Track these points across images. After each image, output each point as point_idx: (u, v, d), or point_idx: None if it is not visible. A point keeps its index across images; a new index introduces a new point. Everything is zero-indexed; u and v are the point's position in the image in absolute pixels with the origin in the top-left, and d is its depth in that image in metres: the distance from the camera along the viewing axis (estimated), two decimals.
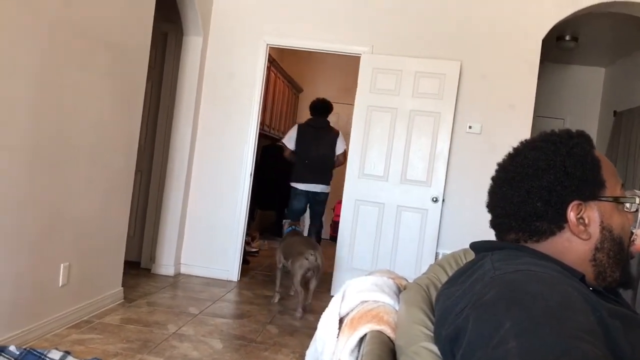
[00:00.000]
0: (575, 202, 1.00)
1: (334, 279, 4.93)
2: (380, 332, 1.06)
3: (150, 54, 4.05)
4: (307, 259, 4.19)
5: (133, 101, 3.87)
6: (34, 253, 3.00)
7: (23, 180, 2.83)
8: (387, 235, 4.78)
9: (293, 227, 4.87)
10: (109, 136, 3.60)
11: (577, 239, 1.01)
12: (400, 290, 1.24)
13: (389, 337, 1.05)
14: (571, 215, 1.00)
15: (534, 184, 1.02)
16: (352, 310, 1.17)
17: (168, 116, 5.06)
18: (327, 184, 5.71)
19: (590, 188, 1.02)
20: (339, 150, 5.60)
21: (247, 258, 5.82)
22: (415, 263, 4.70)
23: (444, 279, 1.21)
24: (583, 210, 1.01)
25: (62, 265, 3.27)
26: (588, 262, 1.02)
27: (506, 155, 1.12)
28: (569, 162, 1.01)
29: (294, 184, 5.67)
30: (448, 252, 4.49)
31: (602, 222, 1.01)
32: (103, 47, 3.40)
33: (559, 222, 1.01)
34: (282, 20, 5.02)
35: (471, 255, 1.26)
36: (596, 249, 1.02)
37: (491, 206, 1.12)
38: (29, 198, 2.89)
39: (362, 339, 1.07)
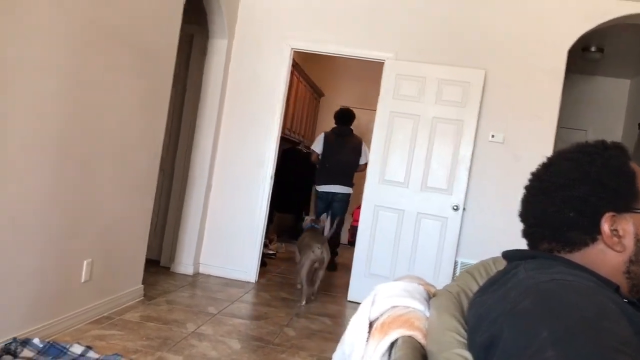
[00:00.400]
0: (609, 214, 1.00)
1: (351, 284, 4.93)
2: (411, 338, 1.06)
3: (176, 55, 4.10)
4: (313, 252, 4.55)
5: (159, 102, 3.92)
6: (58, 248, 3.04)
7: (51, 176, 2.87)
8: (406, 242, 4.78)
9: (312, 224, 5.14)
10: (134, 135, 3.65)
11: (610, 251, 1.00)
12: (429, 297, 1.25)
13: (420, 343, 1.06)
14: (605, 226, 0.99)
15: (568, 194, 1.02)
16: (382, 314, 1.17)
17: (192, 117, 5.11)
18: (348, 185, 6.22)
19: (624, 200, 1.01)
20: (363, 160, 6.14)
21: (265, 260, 5.85)
22: (434, 271, 4.69)
23: (474, 287, 1.21)
24: (617, 222, 1.00)
25: (85, 261, 3.31)
26: (622, 274, 1.01)
27: (540, 165, 1.12)
28: (604, 173, 1.01)
29: (317, 187, 6.28)
30: (467, 261, 4.49)
31: (636, 234, 1.00)
32: (132, 48, 3.45)
33: (592, 234, 1.01)
34: (307, 24, 5.05)
35: (501, 264, 1.26)
36: (630, 261, 1.01)
37: (524, 215, 1.11)
38: (57, 194, 2.94)
39: (392, 344, 1.08)
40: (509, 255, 1.11)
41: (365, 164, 5.80)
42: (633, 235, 1.01)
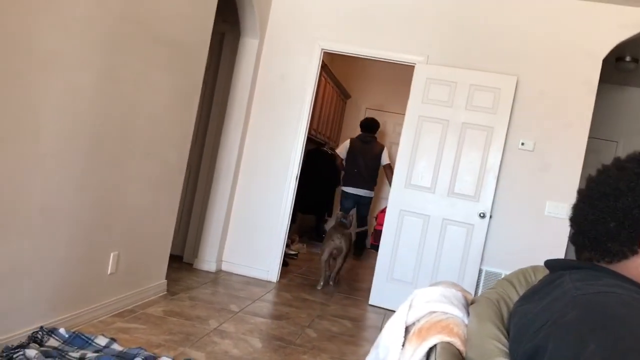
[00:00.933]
0: None
1: (372, 288, 4.90)
2: (450, 344, 1.04)
3: (207, 53, 4.12)
4: (333, 241, 5.23)
5: (189, 98, 3.94)
6: (86, 240, 3.07)
7: (82, 169, 2.90)
8: (430, 248, 4.74)
9: (342, 219, 5.54)
10: (164, 131, 3.67)
11: None
12: (467, 303, 1.22)
13: (459, 350, 1.04)
14: None
15: (610, 205, 0.99)
16: (419, 320, 1.15)
17: (220, 114, 5.13)
18: (371, 189, 7.03)
19: None
20: (384, 161, 6.96)
21: (286, 260, 5.85)
22: (458, 278, 4.63)
23: (514, 295, 1.19)
24: None
25: (112, 254, 3.34)
26: None
27: (596, 170, 1.10)
28: None
29: (344, 188, 7.00)
30: (492, 269, 4.43)
31: None
32: (164, 45, 3.47)
33: (632, 246, 0.98)
34: (337, 25, 5.04)
35: (541, 273, 1.24)
36: None
37: (571, 221, 1.09)
38: (87, 186, 2.97)
39: (430, 350, 1.06)
40: (552, 265, 1.08)
41: (389, 164, 6.91)
42: None
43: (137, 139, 3.36)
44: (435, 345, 1.06)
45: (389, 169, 6.83)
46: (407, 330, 1.17)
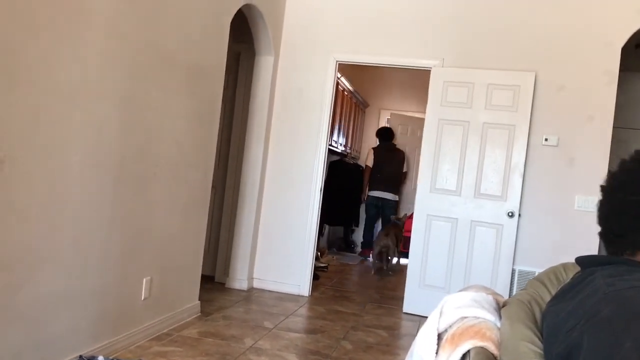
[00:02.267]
0: None
1: (405, 295, 4.87)
2: (484, 349, 1.03)
3: (225, 73, 4.17)
4: (380, 240, 6.57)
5: (209, 119, 3.99)
6: (119, 267, 3.12)
7: (110, 196, 2.95)
8: (460, 251, 4.69)
9: (395, 220, 7.01)
10: (187, 153, 3.72)
11: None
12: (499, 306, 1.21)
13: (493, 354, 1.03)
14: None
15: (629, 198, 0.98)
16: (450, 326, 1.15)
17: (241, 133, 5.18)
18: (395, 193, 7.59)
19: None
20: (405, 168, 7.75)
21: (317, 273, 5.85)
22: (491, 280, 4.58)
23: (545, 294, 1.17)
24: None
25: (144, 279, 3.38)
26: None
27: (616, 165, 1.08)
28: None
29: (370, 193, 7.54)
30: (525, 269, 4.36)
31: None
32: (182, 69, 3.53)
33: None
34: (351, 36, 5.06)
35: (572, 270, 1.22)
36: None
37: (598, 217, 1.08)
38: (116, 214, 3.02)
39: (464, 356, 1.05)
40: (582, 262, 1.07)
41: (406, 173, 7.80)
42: None
43: (161, 163, 3.41)
44: (468, 351, 1.05)
45: (405, 176, 7.84)
46: (439, 337, 1.16)
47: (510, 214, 4.55)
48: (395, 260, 6.89)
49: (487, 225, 4.63)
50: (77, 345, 2.83)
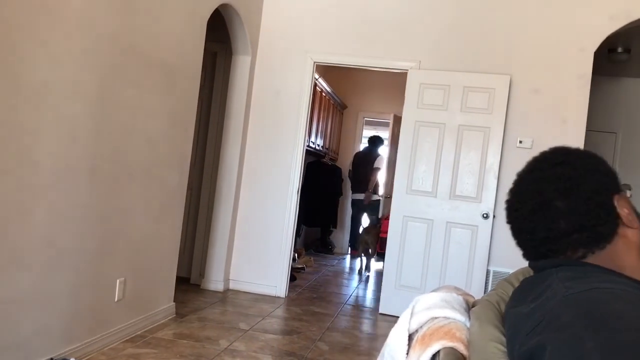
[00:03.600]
0: (616, 196, 1.01)
1: (381, 296, 4.89)
2: (453, 349, 1.04)
3: (201, 73, 4.15)
4: (363, 237, 6.91)
5: (185, 119, 3.96)
6: (92, 268, 3.08)
7: (83, 197, 2.92)
8: (436, 252, 4.73)
9: (374, 221, 7.56)
10: (162, 154, 3.69)
11: (630, 231, 1.00)
12: (469, 306, 1.22)
13: (462, 355, 1.04)
14: (619, 207, 1.00)
15: (581, 194, 1.00)
16: (421, 326, 1.15)
17: (217, 133, 5.16)
18: (364, 192, 7.78)
19: (615, 180, 1.03)
20: (377, 165, 7.72)
21: (294, 274, 5.84)
22: (466, 281, 4.62)
23: None
24: (620, 201, 1.01)
25: (118, 280, 3.35)
26: None
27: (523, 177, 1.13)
28: (593, 162, 1.04)
29: (352, 196, 8.09)
30: (500, 269, 4.42)
31: (632, 208, 1.02)
32: (157, 68, 3.50)
33: (615, 219, 1.00)
34: (328, 37, 5.07)
35: None
36: None
37: (521, 226, 1.10)
38: (89, 214, 2.98)
39: (434, 356, 1.06)
40: (536, 266, 1.08)
41: (377, 168, 7.72)
42: (632, 210, 1.02)
43: (136, 164, 3.38)
44: (438, 351, 1.06)
45: (376, 172, 7.74)
46: (410, 337, 1.17)
47: (485, 215, 4.60)
48: (372, 260, 7.20)
49: (462, 226, 4.67)
50: (49, 348, 2.79)
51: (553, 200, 1.02)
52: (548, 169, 1.06)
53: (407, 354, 1.14)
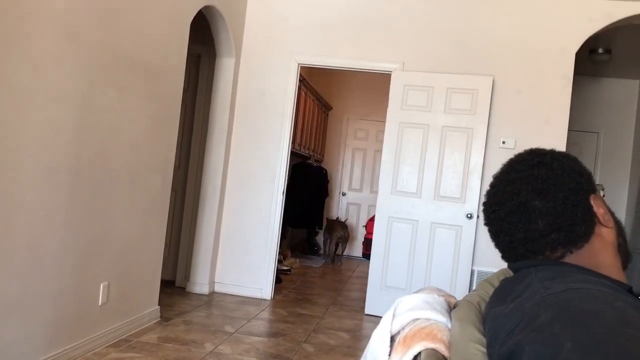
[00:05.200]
0: (592, 195, 1.03)
1: (367, 297, 4.90)
2: (435, 351, 1.05)
3: (184, 75, 4.13)
4: (338, 232, 7.61)
5: (169, 121, 3.94)
6: (75, 272, 3.05)
7: (66, 200, 2.89)
8: (421, 253, 4.75)
9: (339, 220, 7.88)
10: (146, 157, 3.67)
11: (606, 230, 1.02)
12: (450, 308, 1.23)
13: (443, 356, 1.04)
14: (595, 207, 1.01)
15: (559, 194, 1.02)
16: (403, 328, 1.16)
17: (202, 136, 5.14)
18: None
19: (590, 181, 1.05)
20: None
21: (280, 276, 5.83)
22: (451, 281, 4.65)
23: None
24: (595, 201, 1.03)
25: (101, 284, 3.32)
26: (618, 251, 1.04)
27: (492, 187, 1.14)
28: (568, 163, 1.05)
29: None
30: (484, 269, 4.45)
31: (607, 207, 1.04)
32: (140, 71, 3.48)
33: (591, 218, 1.01)
34: (312, 39, 5.07)
35: None
36: (617, 233, 1.04)
37: (501, 227, 1.11)
38: (72, 218, 2.96)
39: (416, 358, 1.06)
40: (514, 267, 1.09)
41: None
42: (607, 209, 1.04)
43: (119, 167, 3.36)
44: (420, 353, 1.06)
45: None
46: (392, 339, 1.17)
47: (469, 216, 4.63)
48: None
49: (447, 226, 4.70)
50: (31, 353, 2.75)
51: (530, 201, 1.03)
52: (524, 170, 1.07)
53: (389, 355, 1.14)
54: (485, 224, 1.15)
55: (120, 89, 3.27)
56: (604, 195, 1.12)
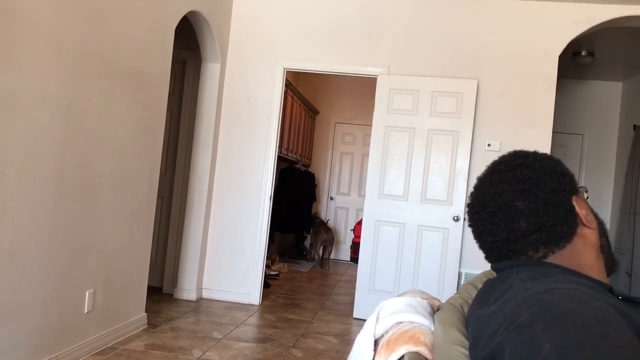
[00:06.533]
0: (574, 197, 1.04)
1: (355, 301, 4.90)
2: (417, 354, 1.05)
3: (170, 80, 4.12)
4: (323, 235, 7.67)
5: (154, 127, 3.93)
6: (60, 280, 3.02)
7: (50, 207, 2.86)
8: (408, 256, 4.76)
9: (318, 219, 7.96)
10: (131, 163, 3.65)
11: (588, 230, 1.03)
12: (434, 310, 1.23)
13: (426, 359, 1.04)
14: (577, 208, 1.03)
15: (541, 194, 1.03)
16: (387, 331, 1.16)
17: (188, 141, 5.12)
18: None
19: (573, 182, 1.06)
20: None
21: (268, 281, 5.82)
22: (438, 283, 4.66)
23: None
24: (578, 202, 1.04)
25: (87, 292, 3.29)
26: (601, 252, 1.05)
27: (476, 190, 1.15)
28: (550, 164, 1.06)
29: None
30: (471, 271, 4.47)
31: (590, 209, 1.05)
32: (125, 75, 3.46)
33: (574, 219, 1.02)
34: (298, 44, 5.08)
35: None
36: (600, 235, 1.05)
37: (485, 228, 1.11)
38: (57, 225, 2.93)
39: None
40: (497, 268, 1.10)
41: None
42: (590, 210, 1.05)
43: (104, 173, 3.34)
44: (403, 356, 1.06)
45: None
46: (376, 343, 1.17)
47: (455, 218, 4.65)
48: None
49: (434, 229, 4.71)
50: None
51: (513, 201, 1.04)
52: (507, 171, 1.08)
53: (373, 359, 1.14)
54: (469, 225, 1.15)
55: (105, 94, 3.25)
56: (587, 197, 1.13)
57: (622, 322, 0.78)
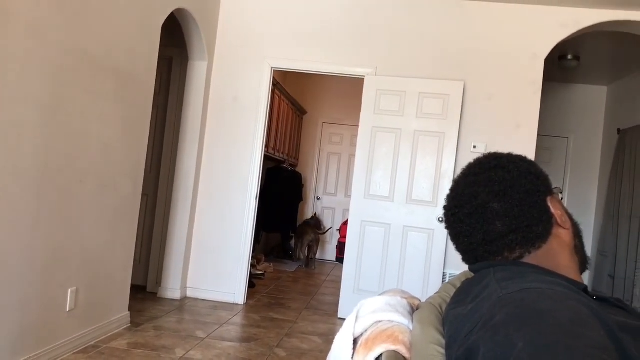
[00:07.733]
0: (549, 197, 1.05)
1: (340, 301, 4.91)
2: (395, 352, 1.05)
3: (156, 78, 4.09)
4: (309, 235, 7.67)
5: (139, 125, 3.90)
6: (42, 278, 3.00)
7: (32, 205, 2.84)
8: (393, 256, 4.77)
9: (317, 219, 8.12)
10: (116, 161, 3.62)
11: (563, 231, 1.04)
12: (413, 309, 1.24)
13: (404, 357, 1.05)
14: (552, 208, 1.04)
15: (515, 195, 1.04)
16: (366, 330, 1.16)
17: (174, 139, 5.09)
18: None
19: (547, 183, 1.08)
20: None
21: (253, 281, 5.81)
22: (423, 283, 4.68)
23: None
24: (553, 203, 1.05)
25: (69, 290, 3.26)
26: (575, 252, 1.06)
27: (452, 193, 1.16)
28: (525, 166, 1.08)
29: None
30: (455, 272, 4.50)
31: (564, 209, 1.07)
32: (110, 73, 3.44)
33: (549, 219, 1.04)
34: (286, 43, 5.07)
35: None
36: (574, 235, 1.07)
37: (461, 230, 1.12)
38: (39, 223, 2.90)
39: (377, 359, 1.06)
40: (475, 268, 1.10)
41: None
42: (564, 211, 1.06)
43: (88, 171, 3.31)
44: (381, 355, 1.06)
45: None
46: (355, 341, 1.17)
47: (440, 219, 4.66)
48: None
49: (419, 230, 4.73)
50: None
51: (488, 203, 1.04)
52: (482, 173, 1.09)
53: (352, 358, 1.14)
54: (446, 227, 1.16)
55: (88, 91, 3.23)
56: (562, 198, 1.14)
57: (595, 322, 0.79)
